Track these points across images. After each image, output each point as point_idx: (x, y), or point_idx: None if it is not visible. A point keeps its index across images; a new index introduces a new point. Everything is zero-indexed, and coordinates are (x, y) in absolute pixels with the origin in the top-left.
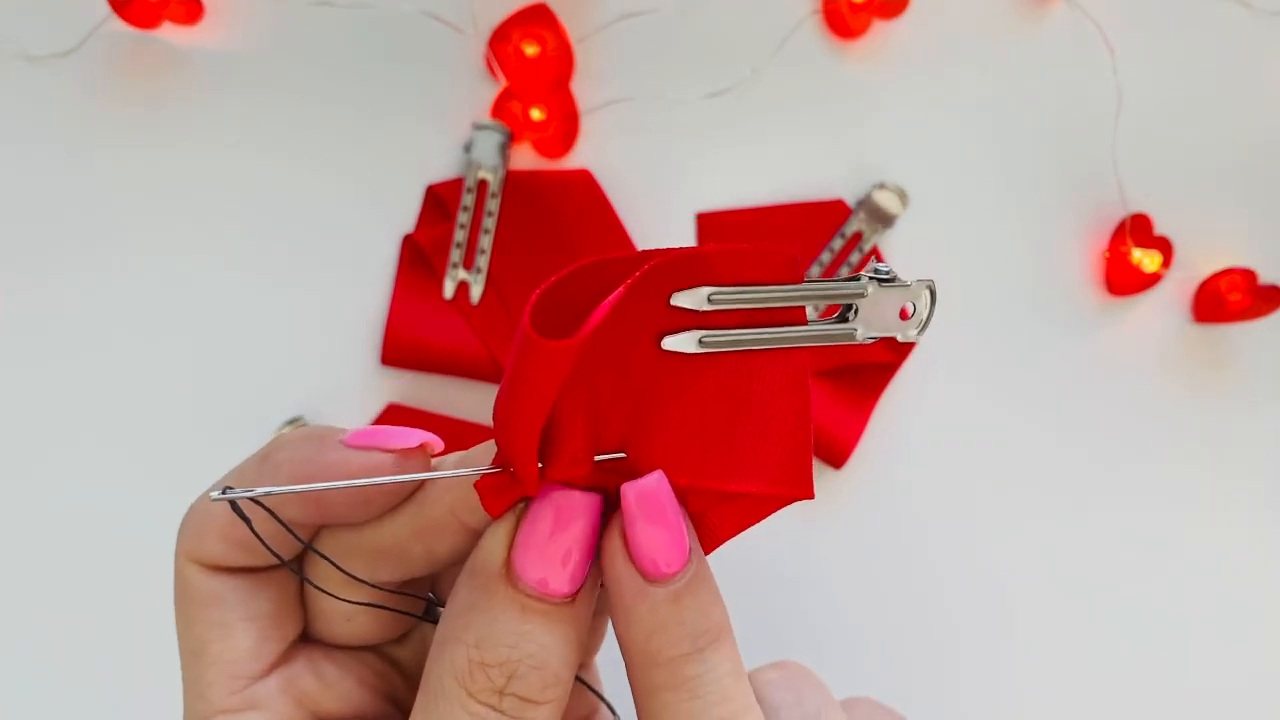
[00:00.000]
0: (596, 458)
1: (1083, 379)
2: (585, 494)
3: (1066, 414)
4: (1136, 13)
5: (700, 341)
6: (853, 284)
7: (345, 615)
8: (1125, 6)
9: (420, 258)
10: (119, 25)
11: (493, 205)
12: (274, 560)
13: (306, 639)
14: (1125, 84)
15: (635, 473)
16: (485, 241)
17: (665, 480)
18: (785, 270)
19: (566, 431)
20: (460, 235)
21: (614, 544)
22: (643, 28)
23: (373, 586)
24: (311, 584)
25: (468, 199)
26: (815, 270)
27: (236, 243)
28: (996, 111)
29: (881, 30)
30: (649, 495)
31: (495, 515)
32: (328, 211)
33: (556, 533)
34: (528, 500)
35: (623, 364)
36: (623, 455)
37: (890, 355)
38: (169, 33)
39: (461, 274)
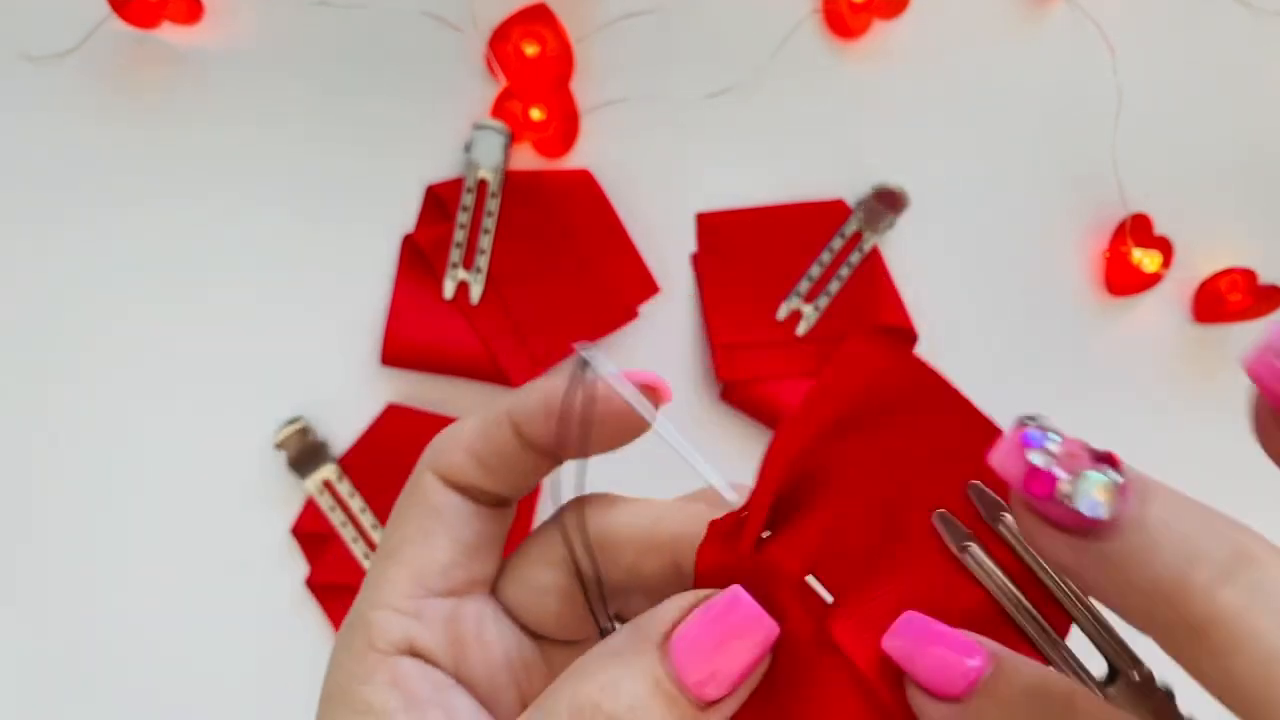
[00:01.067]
0: (808, 577)
1: (1083, 378)
2: (769, 622)
3: (1067, 413)
4: (1136, 13)
5: (969, 552)
6: (1135, 677)
7: (540, 590)
8: (1125, 7)
9: (420, 258)
10: (119, 25)
11: (493, 205)
12: (503, 494)
13: (495, 593)
14: (1125, 84)
15: (827, 621)
16: (485, 241)
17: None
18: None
19: (807, 523)
20: (460, 235)
21: (910, 691)
22: (643, 28)
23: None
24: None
25: (468, 199)
26: (815, 271)
27: (237, 242)
28: (997, 112)
29: (881, 30)
30: (903, 627)
31: (702, 566)
32: (328, 211)
33: (724, 643)
34: (720, 591)
35: (890, 505)
36: (830, 601)
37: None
38: (169, 33)
39: (461, 274)
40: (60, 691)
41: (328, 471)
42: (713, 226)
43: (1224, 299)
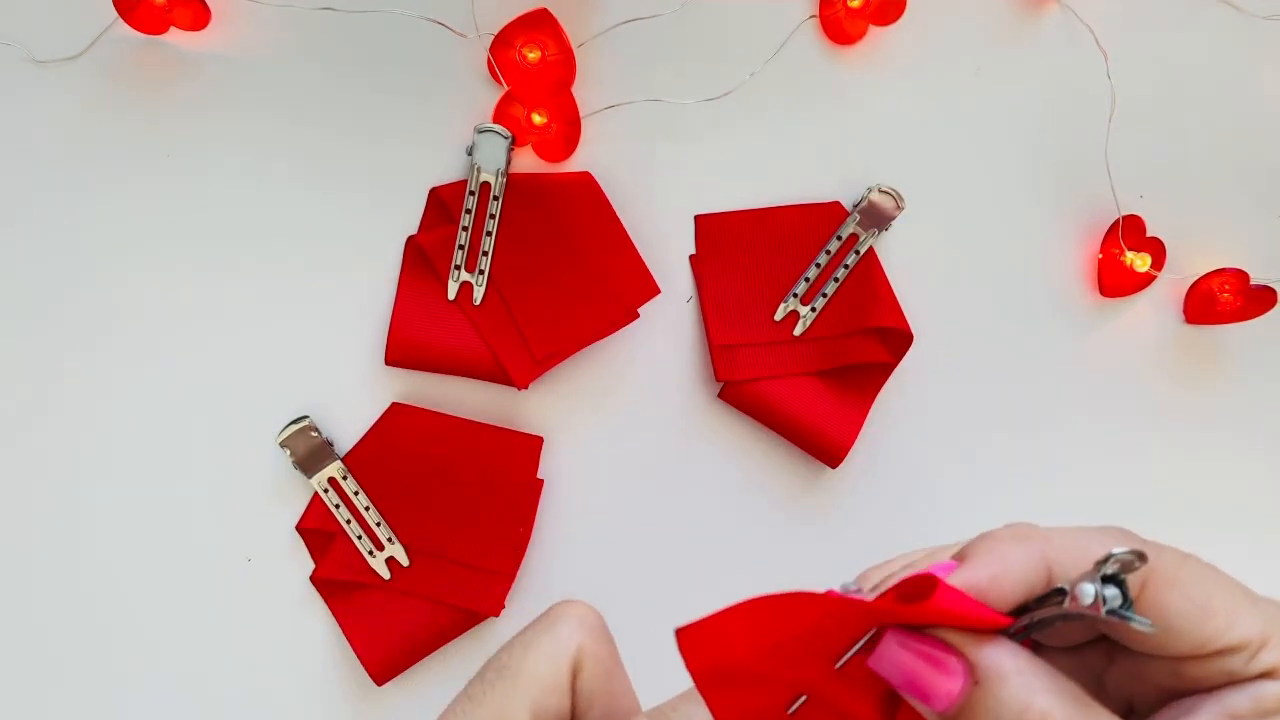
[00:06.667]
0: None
1: (1075, 379)
2: None
3: (1059, 414)
4: (1129, 16)
5: None
6: None
7: None
8: (1118, 10)
9: (423, 259)
10: (126, 30)
11: (495, 208)
12: None
13: None
14: (1118, 87)
15: None
16: (487, 243)
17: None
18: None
19: None
20: (463, 237)
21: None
22: (643, 33)
23: None
24: None
25: (470, 201)
26: (812, 272)
27: (242, 245)
28: (991, 115)
29: (877, 35)
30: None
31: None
32: (332, 214)
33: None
34: None
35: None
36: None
37: (887, 355)
38: (175, 37)
39: (464, 275)
40: (62, 688)
41: (333, 469)
42: (711, 228)
43: (1215, 299)
